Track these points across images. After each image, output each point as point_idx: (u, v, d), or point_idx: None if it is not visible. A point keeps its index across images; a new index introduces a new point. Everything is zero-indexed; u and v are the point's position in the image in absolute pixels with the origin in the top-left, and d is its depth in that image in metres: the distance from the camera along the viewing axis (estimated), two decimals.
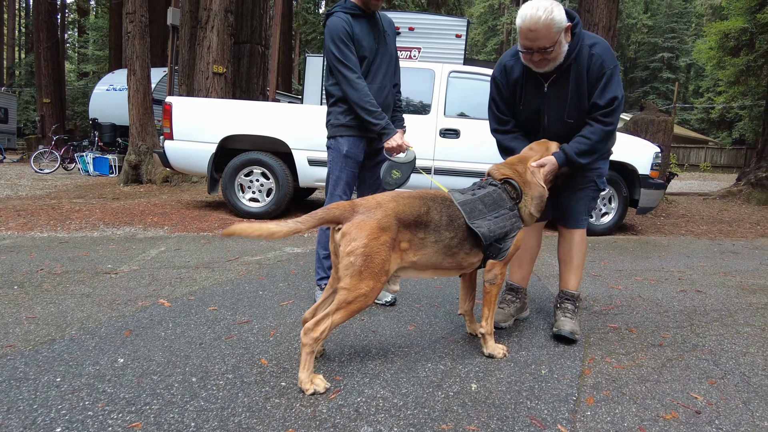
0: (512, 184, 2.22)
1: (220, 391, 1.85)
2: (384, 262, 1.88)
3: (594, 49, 2.24)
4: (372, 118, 2.50)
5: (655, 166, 5.48)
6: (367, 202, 1.94)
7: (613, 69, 2.23)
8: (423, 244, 2.00)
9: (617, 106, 2.25)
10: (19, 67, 35.81)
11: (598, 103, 2.26)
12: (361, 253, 1.84)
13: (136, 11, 9.40)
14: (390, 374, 2.02)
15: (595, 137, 2.28)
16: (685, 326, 2.72)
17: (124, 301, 2.83)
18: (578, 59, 2.25)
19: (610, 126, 2.28)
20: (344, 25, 2.48)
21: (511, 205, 2.18)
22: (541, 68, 2.27)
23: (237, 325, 2.51)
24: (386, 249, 1.89)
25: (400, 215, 1.94)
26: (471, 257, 2.14)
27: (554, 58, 2.21)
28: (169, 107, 5.65)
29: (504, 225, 2.12)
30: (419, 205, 1.99)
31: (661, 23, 39.08)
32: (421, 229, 1.98)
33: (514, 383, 1.98)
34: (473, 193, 2.15)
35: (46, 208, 6.32)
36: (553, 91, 2.35)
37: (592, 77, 2.25)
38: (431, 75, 5.60)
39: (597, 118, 2.28)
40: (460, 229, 2.06)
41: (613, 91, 2.23)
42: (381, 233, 1.87)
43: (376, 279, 1.88)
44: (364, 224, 1.86)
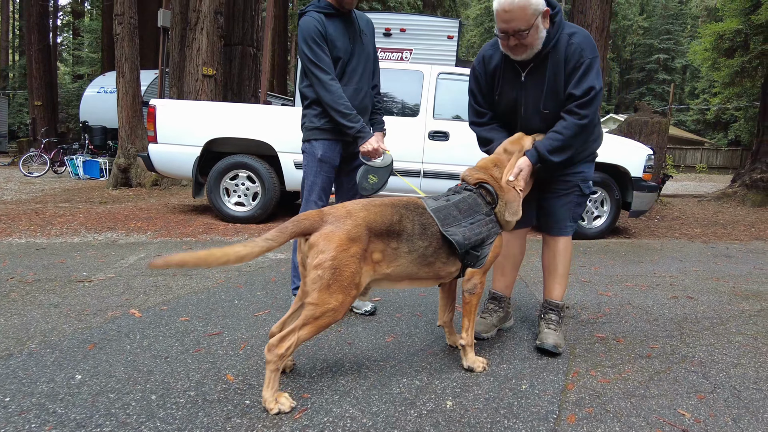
0: (487, 188, 2.11)
1: (179, 410, 1.74)
2: (354, 274, 1.78)
3: (574, 38, 2.14)
4: (346, 121, 2.39)
5: (647, 168, 5.39)
6: (337, 211, 1.84)
7: (592, 59, 2.13)
8: (396, 254, 1.89)
9: (593, 96, 2.14)
10: (12, 69, 35.62)
11: (573, 93, 2.16)
12: (329, 266, 1.74)
13: (124, 13, 9.30)
14: (362, 391, 1.91)
15: (568, 132, 2.16)
16: (675, 336, 2.62)
17: (94, 312, 2.72)
18: (557, 48, 2.16)
19: (585, 119, 2.16)
20: (317, 24, 2.38)
21: (487, 210, 2.07)
22: (519, 55, 2.18)
23: (207, 338, 2.40)
24: (356, 261, 1.78)
25: (372, 225, 1.83)
26: (448, 266, 2.03)
27: (531, 44, 2.12)
28: (153, 110, 5.54)
29: (480, 231, 2.02)
30: (391, 214, 1.89)
31: (657, 25, 39.15)
32: (394, 238, 1.88)
33: (492, 400, 1.88)
34: (447, 199, 2.05)
35: (29, 213, 6.20)
36: (530, 81, 2.25)
37: (570, 66, 2.15)
38: (420, 77, 5.50)
39: (572, 110, 2.17)
40: (435, 237, 1.95)
41: (590, 81, 2.12)
42: (351, 244, 1.77)
43: (346, 293, 1.78)
44: (333, 235, 1.76)
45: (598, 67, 2.16)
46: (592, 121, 2.18)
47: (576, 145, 2.23)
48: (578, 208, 2.48)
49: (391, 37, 8.46)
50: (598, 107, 2.17)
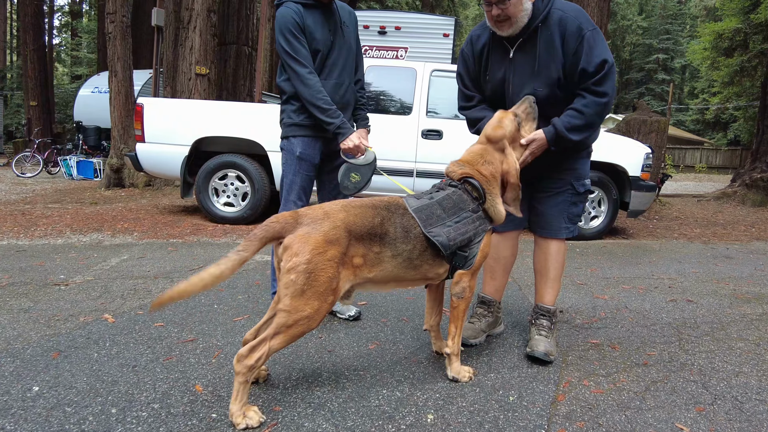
0: (472, 183, 1.98)
1: (139, 425, 1.62)
2: (330, 280, 1.66)
3: (567, 11, 2.03)
4: (325, 117, 2.27)
5: (645, 168, 5.27)
6: (313, 212, 1.71)
7: (593, 31, 2.01)
8: (379, 259, 1.77)
9: (608, 71, 2.00)
10: (10, 70, 35.52)
11: (586, 69, 2.02)
12: (303, 270, 1.62)
13: (116, 11, 9.18)
14: (338, 403, 1.79)
15: (589, 110, 2.04)
16: (674, 342, 2.50)
17: (65, 317, 2.60)
18: (547, 23, 2.04)
19: (605, 97, 2.03)
20: (294, 15, 2.25)
21: (474, 207, 1.94)
22: (504, 30, 2.07)
23: (180, 344, 2.28)
24: (334, 265, 1.66)
25: (351, 227, 1.71)
26: (437, 267, 1.91)
27: (514, 15, 2.02)
28: (140, 109, 5.42)
29: (466, 230, 1.89)
30: (372, 216, 1.77)
31: (656, 25, 39.02)
32: (377, 242, 1.76)
33: (476, 413, 1.76)
34: (431, 197, 1.93)
35: (16, 214, 6.08)
36: (519, 57, 2.14)
37: (571, 43, 2.02)
38: (413, 74, 5.39)
39: (589, 88, 2.04)
40: (418, 239, 1.83)
41: (600, 54, 1.99)
42: (328, 247, 1.65)
43: (322, 299, 1.66)
44: (309, 237, 1.64)
45: (603, 38, 2.03)
46: (612, 98, 2.05)
47: (597, 125, 2.11)
48: (573, 208, 2.33)
49: (386, 35, 8.34)
50: (614, 83, 2.05)
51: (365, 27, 8.13)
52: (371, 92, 5.53)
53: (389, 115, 5.44)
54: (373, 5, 21.66)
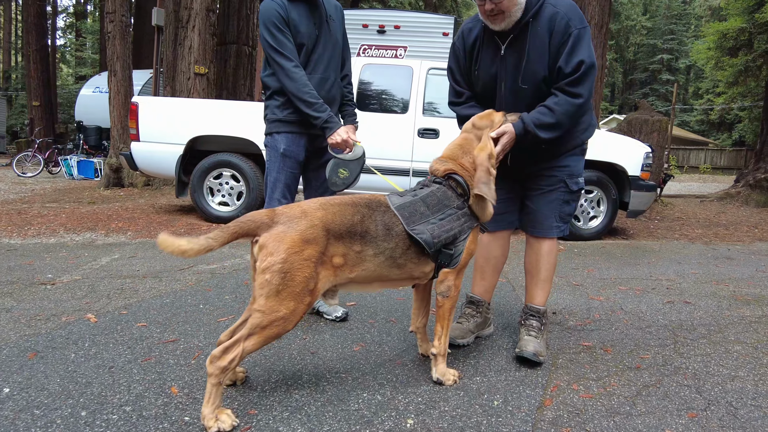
0: (456, 179, 1.92)
1: (108, 429, 1.57)
2: (308, 280, 1.60)
3: (559, 7, 1.96)
4: (312, 111, 2.22)
5: (645, 167, 5.19)
6: (290, 211, 1.66)
7: (581, 30, 1.94)
8: (360, 258, 1.71)
9: (585, 72, 1.94)
10: (15, 71, 35.71)
11: (562, 68, 1.97)
12: (278, 270, 1.57)
13: (116, 11, 9.17)
14: (316, 407, 1.73)
15: (559, 108, 1.98)
16: (669, 344, 2.43)
17: (47, 317, 2.55)
18: (538, 18, 1.98)
19: (579, 98, 1.97)
20: (278, 9, 2.20)
21: (459, 204, 1.88)
22: (497, 24, 2.01)
23: (160, 345, 2.23)
24: (311, 265, 1.61)
25: (330, 225, 1.66)
26: (422, 266, 1.85)
27: (508, 9, 1.95)
28: (135, 107, 5.39)
29: (451, 227, 1.84)
30: (352, 214, 1.71)
31: (660, 25, 38.82)
32: (357, 241, 1.70)
33: (458, 417, 1.70)
34: (414, 194, 1.87)
35: (11, 213, 6.06)
36: (510, 54, 2.08)
37: (557, 39, 1.96)
38: (409, 72, 5.33)
39: (562, 87, 1.98)
40: (401, 236, 1.77)
41: (580, 54, 1.93)
42: (305, 246, 1.59)
43: (298, 300, 1.60)
44: (284, 236, 1.59)
45: (589, 38, 1.96)
46: (587, 100, 1.99)
47: (565, 124, 2.04)
48: (565, 207, 2.26)
49: (385, 34, 8.28)
50: (592, 85, 1.98)
51: (364, 26, 8.09)
52: (370, 91, 5.48)
53: (385, 113, 5.38)
54: (374, 4, 21.64)
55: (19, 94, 31.59)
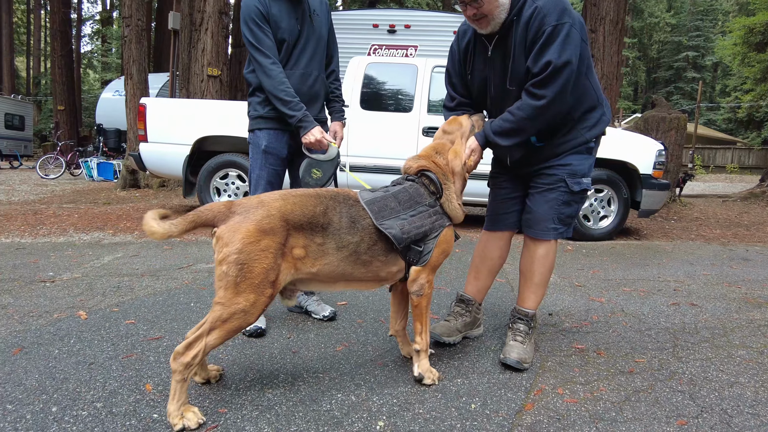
0: (429, 176, 1.88)
1: (75, 425, 1.56)
2: (267, 271, 1.57)
3: (538, 1, 1.86)
4: (287, 109, 2.19)
5: (658, 165, 5.02)
6: (248, 202, 1.64)
7: (557, 26, 1.82)
8: (323, 251, 1.68)
9: (552, 73, 1.82)
10: (44, 76, 36.86)
11: (530, 68, 1.88)
12: (234, 261, 1.54)
13: (132, 15, 9.35)
14: (287, 407, 1.70)
15: (520, 113, 1.90)
16: (667, 348, 2.32)
17: (40, 313, 2.58)
18: (521, 15, 1.89)
19: (542, 100, 1.86)
20: (257, 5, 2.18)
21: (431, 201, 1.84)
22: (483, 28, 1.94)
23: (144, 342, 2.23)
24: (270, 255, 1.57)
25: (289, 216, 1.62)
26: (389, 266, 1.81)
27: (490, 13, 1.88)
28: (143, 109, 5.46)
29: (422, 224, 1.79)
30: (314, 205, 1.68)
31: (686, 21, 37.85)
32: (319, 233, 1.67)
33: (432, 420, 1.64)
34: (386, 191, 1.83)
35: (27, 214, 6.21)
36: (496, 55, 2.01)
37: (530, 37, 1.88)
38: (413, 70, 5.27)
39: (527, 88, 1.90)
40: (367, 231, 1.73)
41: (548, 53, 1.82)
42: (261, 237, 1.56)
43: (258, 292, 1.57)
44: (240, 227, 1.56)
45: (567, 35, 1.83)
46: (552, 102, 1.87)
47: (530, 129, 1.95)
48: (565, 208, 2.13)
49: (396, 33, 8.25)
50: (563, 86, 1.86)
51: (375, 26, 8.07)
52: (374, 90, 5.44)
53: (390, 112, 5.34)
54: (391, 5, 21.63)
55: (48, 99, 32.59)
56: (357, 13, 8.74)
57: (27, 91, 33.87)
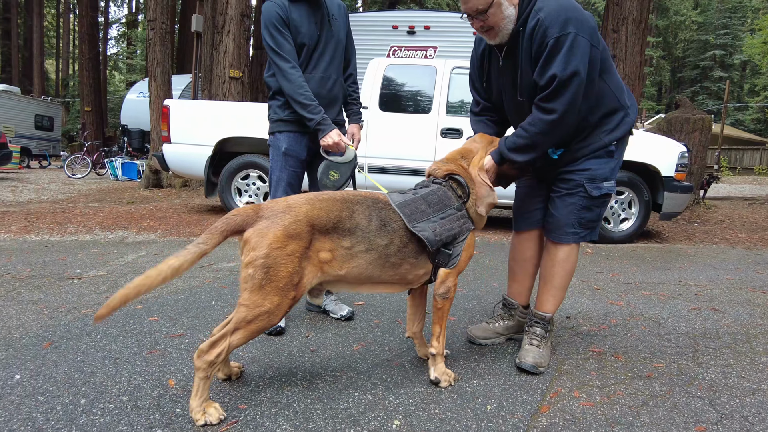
0: (457, 180, 1.90)
1: (102, 417, 1.62)
2: (292, 275, 1.61)
3: (541, 12, 1.82)
4: (306, 112, 2.24)
5: (680, 167, 4.94)
6: (275, 206, 1.67)
7: (560, 38, 1.78)
8: (351, 254, 1.71)
9: (558, 86, 1.79)
10: (72, 78, 37.88)
11: (537, 82, 1.87)
12: (261, 264, 1.58)
13: (156, 18, 9.56)
14: (304, 405, 1.73)
15: (532, 128, 1.89)
16: (687, 353, 2.29)
17: (68, 309, 2.68)
18: (525, 26, 1.88)
19: (552, 114, 1.84)
20: (278, 10, 2.23)
21: (458, 205, 1.87)
22: (492, 39, 1.95)
23: (167, 339, 2.29)
24: (295, 260, 1.61)
25: (315, 220, 1.66)
26: (417, 268, 1.83)
27: (496, 25, 1.88)
28: (166, 110, 5.59)
29: (452, 227, 1.81)
30: (341, 209, 1.71)
31: (713, 19, 36.95)
32: (347, 236, 1.70)
33: (447, 421, 1.66)
34: (414, 193, 1.86)
35: (56, 212, 6.40)
36: (507, 65, 2.02)
37: (534, 49, 1.86)
38: (432, 72, 5.29)
39: (536, 103, 1.89)
40: (398, 234, 1.76)
41: (553, 66, 1.79)
42: (288, 241, 1.60)
43: (282, 294, 1.61)
44: (267, 231, 1.60)
45: (572, 46, 1.78)
46: (564, 115, 1.84)
47: (546, 144, 1.94)
48: (586, 213, 2.11)
49: (415, 35, 8.26)
50: (572, 97, 1.82)
51: (394, 27, 8.10)
52: (393, 91, 5.47)
53: (408, 114, 5.36)
54: (411, 6, 21.63)
55: (75, 100, 33.48)
56: (376, 14, 8.77)
57: (56, 93, 34.83)
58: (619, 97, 2.05)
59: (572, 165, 2.09)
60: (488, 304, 2.96)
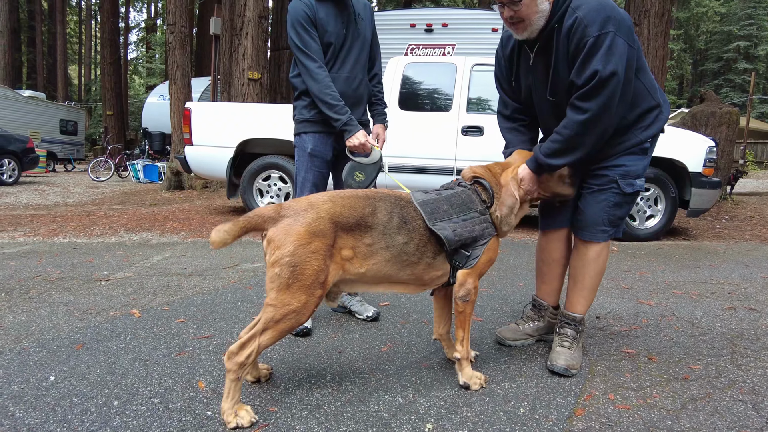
0: (482, 183, 1.87)
1: (135, 419, 1.63)
2: (317, 272, 1.60)
3: (579, 10, 1.77)
4: (332, 113, 2.22)
5: (708, 162, 4.81)
6: (297, 204, 1.67)
7: (600, 36, 1.73)
8: (371, 251, 1.69)
9: (598, 84, 1.75)
10: (94, 83, 38.67)
11: (574, 81, 1.81)
12: (287, 263, 1.57)
13: (176, 22, 9.68)
14: (335, 407, 1.72)
15: (567, 132, 1.84)
16: (725, 354, 2.22)
17: (98, 311, 2.71)
18: (562, 24, 1.82)
19: (587, 113, 1.79)
20: (305, 9, 2.22)
21: (482, 209, 1.83)
22: (520, 33, 1.90)
23: (195, 340, 2.31)
24: (320, 257, 1.60)
25: (338, 218, 1.65)
26: (433, 269, 1.81)
27: (527, 17, 1.83)
28: (188, 112, 5.65)
29: (473, 230, 1.78)
30: (363, 206, 1.69)
31: (736, 10, 35.98)
32: (368, 233, 1.68)
33: (480, 424, 1.63)
34: (438, 194, 1.84)
35: (82, 215, 6.53)
36: (538, 63, 1.96)
37: (572, 48, 1.81)
38: (452, 69, 5.24)
39: (572, 103, 1.83)
40: (417, 232, 1.74)
41: (594, 63, 1.74)
42: (312, 239, 1.59)
43: (309, 293, 1.60)
44: (291, 229, 1.59)
45: (611, 45, 1.74)
46: (598, 115, 1.79)
47: (580, 146, 1.88)
48: (616, 210, 2.06)
49: (433, 32, 8.21)
50: (609, 97, 1.77)
51: (412, 25, 8.05)
52: (413, 90, 5.44)
53: (428, 112, 5.33)
54: (426, 3, 21.54)
55: (97, 104, 34.18)
56: (394, 13, 8.74)
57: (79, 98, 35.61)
58: (653, 95, 2.01)
59: (606, 161, 2.05)
60: (515, 305, 2.91)
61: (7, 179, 10.79)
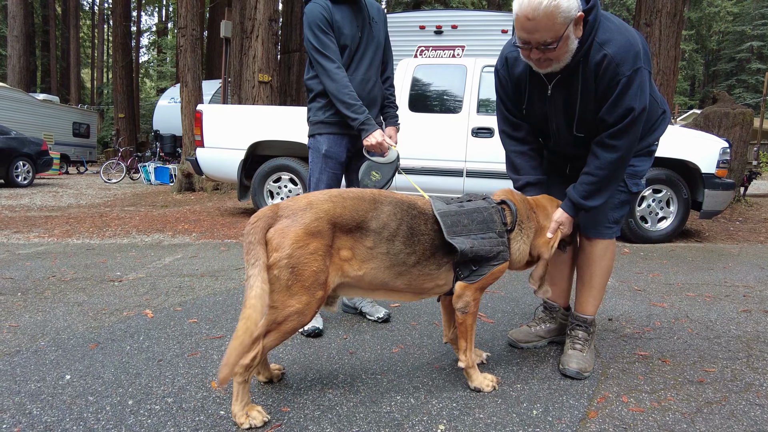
0: (509, 205, 1.85)
1: (150, 418, 1.65)
2: (317, 273, 1.60)
3: (607, 47, 1.72)
4: (350, 112, 2.23)
5: (722, 164, 4.75)
6: (295, 204, 1.65)
7: (633, 74, 1.71)
8: (371, 255, 1.68)
9: (632, 120, 1.75)
10: (107, 86, 39.15)
11: (605, 119, 1.79)
12: (285, 265, 1.57)
13: (187, 26, 9.77)
14: (347, 408, 1.73)
15: (602, 173, 1.84)
16: (740, 357, 2.20)
17: (111, 311, 2.74)
18: (587, 59, 1.77)
19: (620, 151, 1.80)
20: (322, 11, 2.24)
21: (501, 231, 1.80)
22: (544, 69, 1.81)
23: (207, 341, 2.32)
24: (319, 258, 1.59)
25: (337, 218, 1.64)
26: (436, 279, 1.79)
27: (558, 58, 1.75)
28: (199, 115, 5.70)
29: (490, 250, 1.76)
30: (366, 209, 1.68)
31: (749, 9, 35.57)
32: (369, 236, 1.67)
33: (493, 426, 1.62)
34: (461, 205, 1.81)
35: (95, 216, 6.60)
36: (558, 96, 1.90)
37: (602, 86, 1.77)
38: (463, 71, 5.23)
39: (603, 141, 1.82)
40: (423, 245, 1.72)
41: (628, 101, 1.73)
42: (310, 240, 1.58)
43: (310, 293, 1.60)
44: (288, 230, 1.59)
45: (643, 80, 1.74)
46: (628, 150, 1.81)
47: (614, 181, 1.90)
48: (620, 208, 2.08)
49: (442, 34, 8.21)
50: (636, 132, 1.79)
51: (421, 27, 8.06)
52: (423, 91, 5.45)
53: (438, 114, 5.33)
54: (436, 5, 21.54)
55: (109, 107, 34.58)
56: (403, 15, 8.76)
57: (91, 101, 36.02)
58: (660, 105, 2.04)
59: None
60: (526, 306, 2.90)
61: (22, 181, 10.95)
